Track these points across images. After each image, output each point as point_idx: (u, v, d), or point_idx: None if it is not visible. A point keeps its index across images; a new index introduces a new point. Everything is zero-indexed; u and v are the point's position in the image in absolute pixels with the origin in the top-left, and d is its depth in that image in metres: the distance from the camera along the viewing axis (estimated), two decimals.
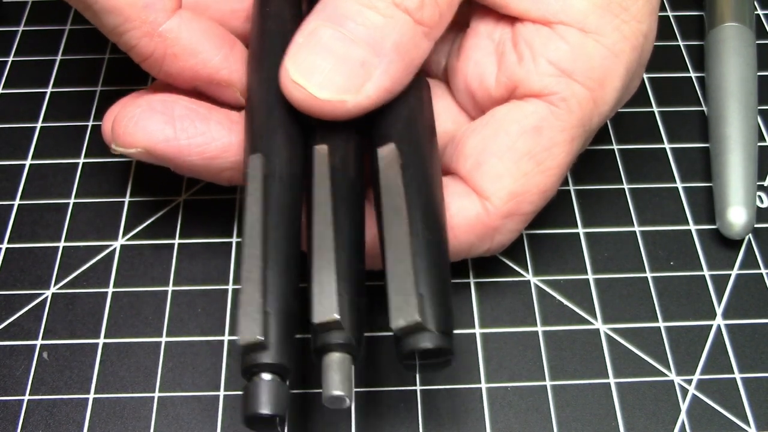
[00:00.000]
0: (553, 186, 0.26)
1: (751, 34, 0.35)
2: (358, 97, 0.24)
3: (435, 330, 0.21)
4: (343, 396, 0.21)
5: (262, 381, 0.21)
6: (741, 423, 0.27)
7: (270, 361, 0.21)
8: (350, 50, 0.24)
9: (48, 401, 0.27)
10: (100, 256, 0.30)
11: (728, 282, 0.30)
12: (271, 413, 0.21)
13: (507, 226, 0.26)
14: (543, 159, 0.26)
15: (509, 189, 0.25)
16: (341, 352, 0.22)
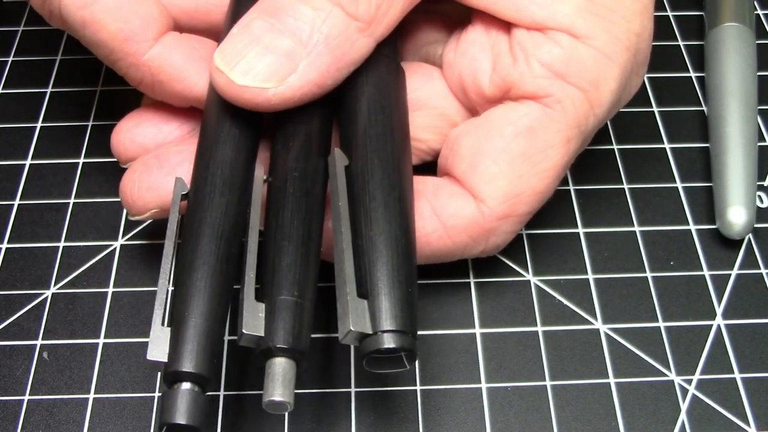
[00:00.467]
0: (548, 187, 0.26)
1: (751, 34, 0.35)
2: (281, 87, 0.24)
3: (381, 331, 0.21)
4: (283, 402, 0.21)
5: (180, 391, 0.21)
6: (741, 423, 0.27)
7: (187, 370, 0.21)
8: (277, 40, 0.24)
9: (48, 401, 0.27)
10: (100, 256, 0.30)
11: (728, 282, 0.30)
12: (187, 423, 0.21)
13: (502, 228, 0.26)
14: (538, 161, 0.26)
15: (504, 191, 0.26)
16: (283, 357, 0.22)
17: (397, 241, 0.23)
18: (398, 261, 0.23)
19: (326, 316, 0.29)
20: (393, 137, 0.25)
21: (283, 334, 0.21)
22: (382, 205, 0.23)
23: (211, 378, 0.22)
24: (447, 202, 0.26)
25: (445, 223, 0.26)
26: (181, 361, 0.21)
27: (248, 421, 0.26)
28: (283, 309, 0.22)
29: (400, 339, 0.22)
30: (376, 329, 0.22)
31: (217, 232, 0.23)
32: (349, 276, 0.22)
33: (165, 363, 0.21)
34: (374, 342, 0.21)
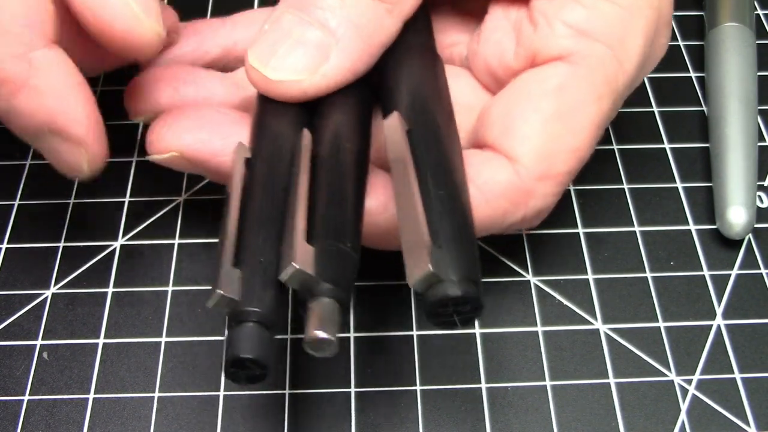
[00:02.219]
0: (584, 146, 0.26)
1: (751, 34, 0.35)
2: (315, 77, 0.25)
3: (454, 278, 0.21)
4: (328, 339, 0.20)
5: (248, 326, 0.21)
6: (741, 423, 0.27)
7: (255, 309, 0.21)
8: (307, 33, 0.25)
9: (48, 401, 0.27)
10: (100, 256, 0.30)
11: (728, 282, 0.30)
12: (255, 358, 0.20)
13: (540, 190, 0.25)
14: (571, 118, 0.25)
15: (539, 150, 0.25)
16: (326, 297, 0.21)
17: (462, 200, 0.23)
18: (465, 218, 0.23)
19: None
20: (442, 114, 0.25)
21: (334, 275, 0.21)
22: (446, 168, 0.23)
23: (278, 321, 0.21)
24: (481, 168, 0.25)
25: (482, 189, 0.25)
26: (254, 300, 0.21)
27: (248, 421, 0.27)
28: (336, 254, 0.22)
29: (472, 287, 0.21)
30: (450, 276, 0.21)
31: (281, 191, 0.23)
32: (423, 225, 0.21)
33: (235, 301, 0.21)
34: (447, 288, 0.21)
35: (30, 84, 0.23)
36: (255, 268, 0.22)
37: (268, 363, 0.21)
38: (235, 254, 0.22)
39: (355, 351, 0.28)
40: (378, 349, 0.28)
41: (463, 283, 0.21)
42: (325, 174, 0.24)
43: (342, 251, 0.22)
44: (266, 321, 0.21)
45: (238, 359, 0.20)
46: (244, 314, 0.21)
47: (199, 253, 0.30)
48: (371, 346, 0.28)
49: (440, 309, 0.21)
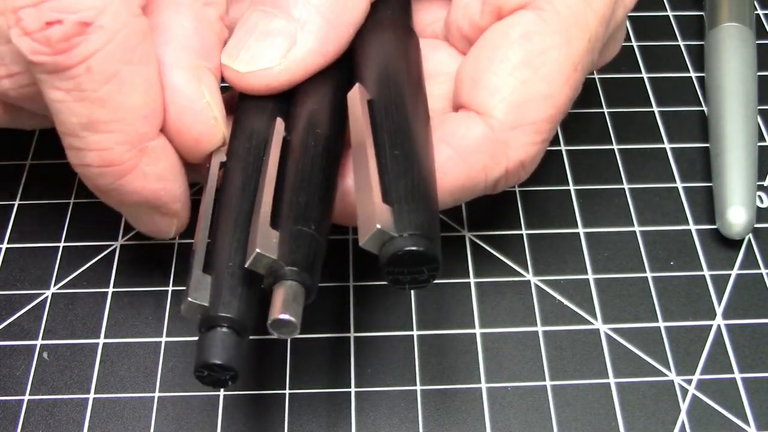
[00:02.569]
0: (559, 92, 0.25)
1: (751, 34, 0.35)
2: (284, 63, 0.25)
3: (405, 234, 0.20)
4: (290, 320, 0.20)
5: (217, 332, 0.21)
6: (741, 423, 0.27)
7: (225, 315, 0.21)
8: (271, 23, 0.25)
9: (48, 401, 0.27)
10: (100, 256, 0.30)
11: (728, 282, 0.30)
12: (223, 363, 0.21)
13: (517, 139, 0.25)
14: (539, 65, 0.25)
15: (509, 99, 0.25)
16: (292, 281, 0.21)
17: (420, 160, 0.23)
18: (422, 176, 0.22)
19: (327, 316, 0.29)
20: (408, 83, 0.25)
21: (297, 258, 0.21)
22: (404, 131, 0.23)
23: (249, 329, 0.22)
24: (454, 127, 0.25)
25: (457, 147, 0.25)
26: (222, 306, 0.21)
27: (248, 421, 0.27)
28: (299, 237, 0.22)
29: (424, 242, 0.21)
30: (400, 232, 0.21)
31: (252, 188, 0.23)
32: (375, 185, 0.21)
33: (205, 307, 0.21)
34: (397, 244, 0.20)
35: (139, 169, 0.24)
36: (224, 273, 0.22)
37: (235, 367, 0.21)
38: (205, 259, 0.22)
39: (355, 351, 0.28)
40: (378, 349, 0.28)
41: (413, 239, 0.20)
42: (293, 160, 0.24)
43: (306, 234, 0.22)
44: (236, 326, 0.21)
45: (206, 364, 0.21)
46: (213, 320, 0.21)
47: None
48: (371, 346, 0.28)
49: (394, 267, 0.21)
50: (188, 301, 0.21)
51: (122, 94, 0.22)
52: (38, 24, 0.21)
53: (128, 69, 0.22)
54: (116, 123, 0.23)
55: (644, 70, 0.36)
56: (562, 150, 0.33)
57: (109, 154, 0.23)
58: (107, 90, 0.22)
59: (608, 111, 0.35)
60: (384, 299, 0.29)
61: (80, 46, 0.21)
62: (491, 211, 0.32)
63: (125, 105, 0.23)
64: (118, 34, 0.22)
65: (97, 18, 0.21)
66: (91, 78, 0.22)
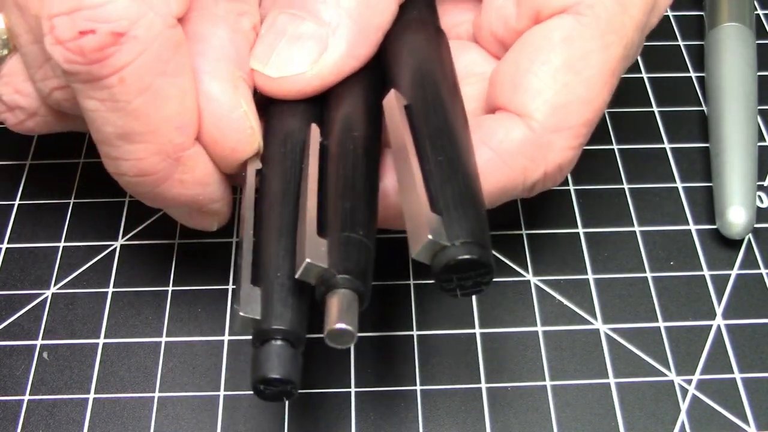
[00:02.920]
0: (598, 96, 0.25)
1: (751, 34, 0.35)
2: (316, 68, 0.25)
3: (456, 243, 0.20)
4: (348, 329, 0.20)
5: (272, 346, 0.21)
6: (741, 423, 0.27)
7: (280, 327, 0.21)
8: (300, 27, 0.25)
9: (48, 401, 0.27)
10: (100, 256, 0.30)
11: (728, 282, 0.30)
12: (282, 377, 0.20)
13: (558, 143, 0.25)
14: (580, 68, 0.25)
15: (551, 102, 0.25)
16: (345, 289, 0.21)
17: (465, 164, 0.22)
18: (468, 181, 0.22)
19: None
20: (444, 84, 0.25)
21: (349, 266, 0.21)
22: (445, 135, 0.23)
23: (303, 335, 0.21)
24: (494, 129, 0.25)
25: (497, 149, 0.25)
26: (276, 318, 0.21)
27: (248, 421, 0.27)
28: (348, 244, 0.21)
29: (477, 250, 0.20)
30: (452, 241, 0.20)
31: (293, 195, 0.23)
32: (421, 194, 0.21)
33: (258, 320, 0.21)
34: (450, 253, 0.20)
35: (175, 178, 0.24)
36: (274, 284, 0.22)
37: (294, 380, 0.21)
38: (253, 272, 0.22)
39: (355, 351, 0.28)
40: (378, 349, 0.28)
41: (465, 247, 0.20)
42: (334, 165, 0.24)
43: (355, 240, 0.21)
44: (290, 337, 0.21)
45: (265, 379, 0.20)
46: (267, 333, 0.21)
47: (199, 253, 0.30)
48: (371, 346, 0.28)
49: (448, 276, 0.20)
50: (240, 316, 0.21)
51: (156, 105, 0.22)
52: (72, 33, 0.21)
53: (162, 80, 0.22)
54: (150, 134, 0.23)
55: (644, 70, 0.36)
56: None
57: (143, 164, 0.23)
58: (141, 101, 0.22)
59: (608, 111, 0.35)
60: (384, 299, 0.29)
61: (114, 56, 0.21)
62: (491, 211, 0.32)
63: (159, 116, 0.22)
64: (152, 46, 0.22)
65: (131, 28, 0.21)
66: (125, 89, 0.22)
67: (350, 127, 0.24)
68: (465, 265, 0.20)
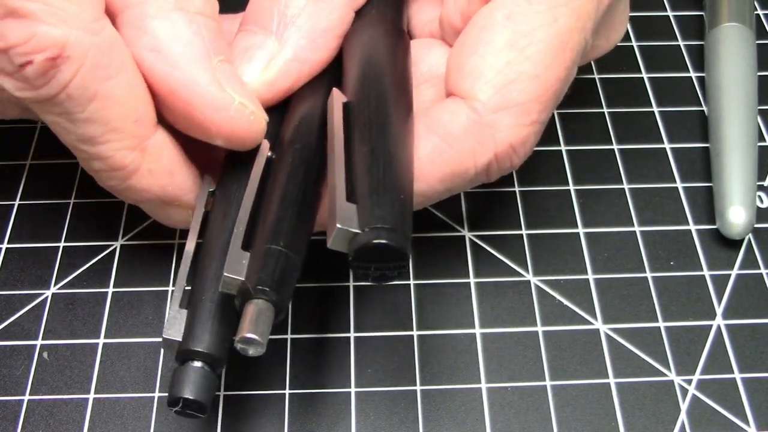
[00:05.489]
0: (547, 71, 0.25)
1: (751, 34, 0.35)
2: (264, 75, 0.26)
3: (366, 229, 0.21)
4: (256, 339, 0.21)
5: (189, 367, 0.22)
6: (741, 423, 0.27)
7: (199, 350, 0.22)
8: (251, 40, 0.26)
9: (48, 401, 0.27)
10: (100, 256, 0.30)
11: (728, 282, 0.30)
12: (195, 398, 0.22)
13: (504, 121, 0.25)
14: (525, 45, 0.25)
15: (493, 82, 0.25)
16: (262, 300, 0.21)
17: (389, 153, 0.23)
18: (390, 170, 0.22)
19: (327, 316, 0.29)
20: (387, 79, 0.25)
21: (263, 277, 0.22)
22: (376, 125, 0.24)
23: (222, 359, 0.22)
24: (440, 115, 0.25)
25: (442, 134, 0.25)
26: (194, 340, 0.22)
27: (248, 421, 0.27)
28: (267, 256, 0.22)
29: (387, 234, 0.21)
30: (363, 227, 0.21)
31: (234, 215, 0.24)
32: (339, 185, 0.22)
33: (179, 342, 0.23)
34: (360, 239, 0.21)
35: (143, 168, 0.25)
36: (198, 308, 0.23)
37: (205, 401, 0.22)
38: (184, 294, 0.24)
39: (355, 351, 0.28)
40: (378, 349, 0.28)
41: (376, 232, 0.21)
42: (271, 179, 0.24)
43: (274, 252, 0.22)
44: (207, 359, 0.22)
45: (178, 398, 0.22)
46: (186, 354, 0.22)
47: None
48: (371, 346, 0.28)
49: (362, 263, 0.21)
50: (163, 337, 0.23)
51: (108, 108, 0.23)
52: (13, 68, 0.22)
53: (107, 84, 0.23)
54: (111, 133, 0.24)
55: (644, 70, 0.36)
56: (562, 150, 0.33)
57: (112, 161, 0.24)
58: (93, 108, 0.23)
59: (608, 111, 0.35)
60: (384, 299, 0.29)
61: (55, 78, 0.22)
62: (491, 211, 0.32)
63: (114, 116, 0.24)
64: (86, 58, 0.23)
65: (62, 51, 0.22)
66: (75, 102, 0.23)
67: (294, 140, 0.25)
68: (377, 250, 0.21)
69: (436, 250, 0.30)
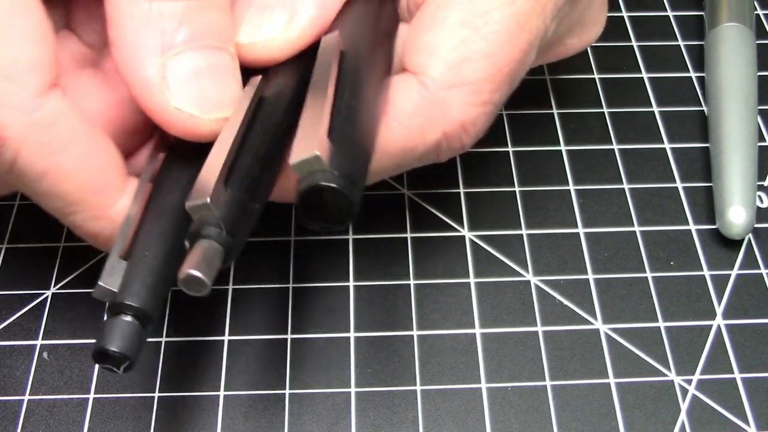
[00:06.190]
0: (501, 51, 0.25)
1: (751, 34, 0.35)
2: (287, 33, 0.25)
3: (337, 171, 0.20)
4: (200, 277, 0.20)
5: (120, 320, 0.21)
6: (741, 423, 0.27)
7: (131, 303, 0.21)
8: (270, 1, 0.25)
9: (48, 401, 0.27)
10: (100, 256, 0.30)
11: (728, 282, 0.30)
12: (121, 351, 0.21)
13: (454, 99, 0.24)
14: (480, 24, 0.24)
15: (446, 58, 0.24)
16: (211, 240, 0.21)
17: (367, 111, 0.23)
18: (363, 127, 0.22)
19: (327, 316, 0.29)
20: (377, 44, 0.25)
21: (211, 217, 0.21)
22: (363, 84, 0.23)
23: (154, 317, 0.22)
24: (394, 90, 0.25)
25: (392, 111, 0.24)
26: (130, 294, 0.22)
27: (248, 421, 0.27)
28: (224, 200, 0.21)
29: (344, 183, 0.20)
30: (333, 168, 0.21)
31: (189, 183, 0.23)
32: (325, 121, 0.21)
33: (114, 292, 0.22)
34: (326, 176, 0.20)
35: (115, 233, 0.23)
36: (140, 262, 0.22)
37: (131, 356, 0.21)
38: (128, 246, 0.22)
39: (355, 351, 0.28)
40: (378, 349, 0.28)
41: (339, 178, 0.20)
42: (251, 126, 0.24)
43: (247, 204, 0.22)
44: (140, 315, 0.21)
45: (104, 349, 0.21)
46: (118, 307, 0.21)
47: None
48: (371, 346, 0.28)
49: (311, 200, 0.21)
50: (99, 285, 0.22)
51: (60, 183, 0.22)
52: None
53: (55, 160, 0.22)
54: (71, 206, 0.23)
55: (644, 70, 0.36)
56: (561, 150, 0.34)
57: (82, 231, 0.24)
58: (46, 184, 0.22)
59: (608, 111, 0.35)
60: (384, 299, 0.29)
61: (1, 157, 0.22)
62: (491, 211, 0.32)
63: (70, 190, 0.23)
64: (25, 139, 0.22)
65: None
66: (27, 179, 0.22)
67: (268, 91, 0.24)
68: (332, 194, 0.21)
69: (436, 250, 0.30)
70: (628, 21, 0.38)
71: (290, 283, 0.30)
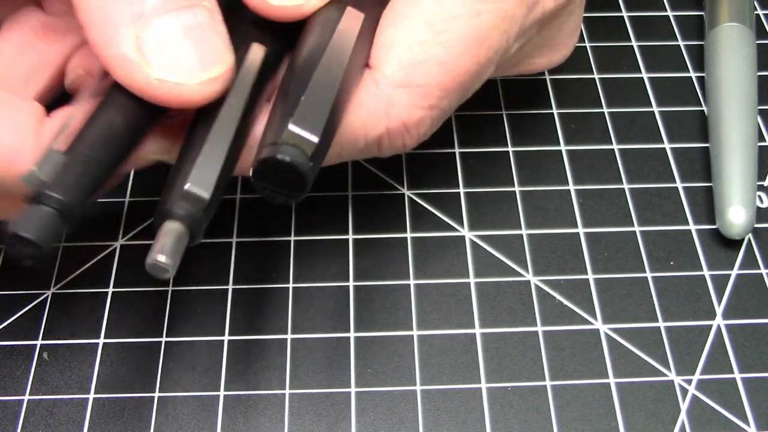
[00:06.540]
0: (457, 61, 0.25)
1: (751, 34, 0.35)
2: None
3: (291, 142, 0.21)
4: (165, 264, 0.20)
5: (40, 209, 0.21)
6: (741, 423, 0.27)
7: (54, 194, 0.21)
8: None
9: (48, 401, 0.27)
10: (100, 256, 0.30)
11: (728, 282, 0.30)
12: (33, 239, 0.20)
13: (401, 99, 0.24)
14: (442, 30, 0.24)
15: (401, 57, 0.24)
16: (181, 224, 0.21)
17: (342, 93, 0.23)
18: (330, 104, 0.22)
19: (327, 316, 0.29)
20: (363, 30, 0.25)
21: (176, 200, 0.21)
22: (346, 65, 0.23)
23: (77, 211, 0.21)
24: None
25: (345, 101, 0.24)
26: (60, 187, 0.21)
27: (248, 421, 0.27)
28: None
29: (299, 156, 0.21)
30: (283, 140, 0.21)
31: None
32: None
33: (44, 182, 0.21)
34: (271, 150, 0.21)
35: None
36: (76, 156, 0.22)
37: (44, 247, 0.21)
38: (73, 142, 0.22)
39: (355, 351, 0.28)
40: (378, 349, 0.28)
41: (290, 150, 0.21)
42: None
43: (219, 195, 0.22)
44: (61, 207, 0.21)
45: (17, 235, 0.20)
46: (42, 196, 0.21)
47: (199, 253, 0.30)
48: (371, 346, 0.28)
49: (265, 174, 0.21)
50: (31, 170, 0.21)
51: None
52: None
53: None
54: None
55: (644, 70, 0.36)
56: (562, 150, 0.34)
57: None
58: None
59: (608, 111, 0.35)
60: (384, 299, 0.29)
61: None
62: (491, 211, 0.32)
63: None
64: None
65: None
66: None
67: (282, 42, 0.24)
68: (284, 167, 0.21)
69: (436, 250, 0.30)
70: (628, 21, 0.38)
71: (290, 283, 0.30)
